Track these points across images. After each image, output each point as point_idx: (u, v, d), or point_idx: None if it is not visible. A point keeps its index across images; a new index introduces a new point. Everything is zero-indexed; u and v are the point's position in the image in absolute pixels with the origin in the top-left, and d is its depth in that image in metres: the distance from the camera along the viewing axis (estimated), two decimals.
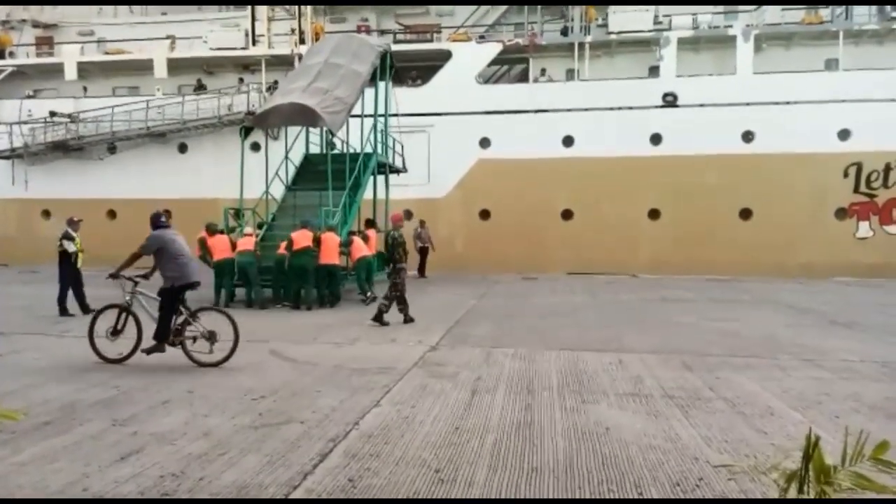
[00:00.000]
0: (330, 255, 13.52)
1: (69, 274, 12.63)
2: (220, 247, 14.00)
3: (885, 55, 21.62)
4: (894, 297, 16.06)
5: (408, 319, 11.34)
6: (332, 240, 13.64)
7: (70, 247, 12.73)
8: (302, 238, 13.51)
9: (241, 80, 25.74)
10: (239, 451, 4.98)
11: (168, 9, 27.77)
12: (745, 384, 7.08)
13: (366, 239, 15.28)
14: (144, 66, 25.56)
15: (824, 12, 23.23)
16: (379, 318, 11.19)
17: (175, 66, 25.51)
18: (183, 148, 25.12)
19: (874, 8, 22.58)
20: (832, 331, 10.76)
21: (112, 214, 24.62)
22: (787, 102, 21.45)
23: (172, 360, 8.16)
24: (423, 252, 20.68)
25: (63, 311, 12.42)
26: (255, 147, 19.51)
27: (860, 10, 22.59)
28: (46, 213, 25.43)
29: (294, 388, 6.82)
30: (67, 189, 24.82)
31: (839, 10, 22.72)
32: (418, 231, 20.69)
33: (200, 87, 25.78)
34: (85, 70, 26.43)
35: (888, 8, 22.13)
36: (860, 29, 22.07)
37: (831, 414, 5.98)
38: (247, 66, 26.14)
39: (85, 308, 12.41)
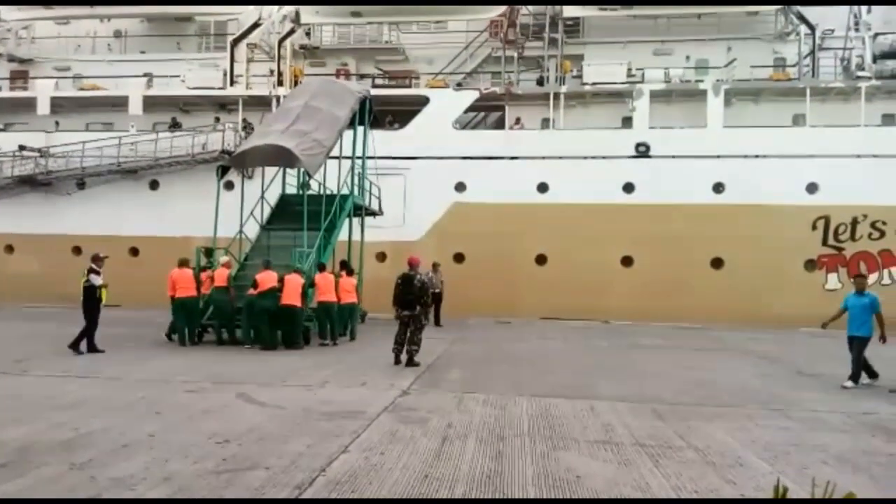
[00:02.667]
0: (290, 296, 13.34)
1: (95, 309, 12.31)
2: (184, 283, 13.73)
3: (849, 112, 22.41)
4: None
5: (414, 362, 11.28)
6: (294, 281, 13.46)
7: (97, 281, 12.42)
8: (266, 279, 13.37)
9: (218, 119, 25.82)
10: (200, 497, 4.83)
11: (147, 47, 27.92)
12: (715, 434, 7.09)
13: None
14: (119, 103, 25.57)
15: (792, 70, 24.12)
16: (412, 363, 11.23)
17: (151, 103, 25.54)
18: (154, 185, 24.97)
19: (840, 66, 23.51)
20: (800, 381, 10.88)
21: (77, 251, 24.24)
22: (757, 156, 22.08)
23: (136, 401, 7.97)
24: (438, 298, 19.03)
25: (91, 347, 12.12)
26: (229, 186, 19.45)
27: (826, 69, 23.48)
28: (10, 248, 24.95)
29: (261, 433, 6.66)
30: (33, 224, 24.52)
31: (806, 68, 23.59)
32: (430, 275, 18.91)
33: (175, 125, 25.80)
34: (58, 105, 26.31)
35: (853, 68, 23.04)
36: (826, 86, 22.91)
37: (799, 465, 5.99)
38: (224, 105, 26.30)
39: (93, 347, 12.16)
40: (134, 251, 21.03)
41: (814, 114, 22.38)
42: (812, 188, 21.89)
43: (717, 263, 22.13)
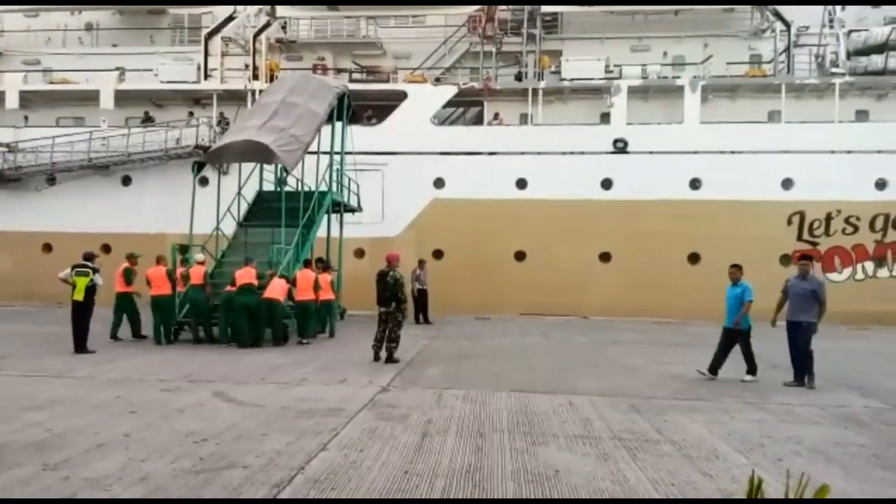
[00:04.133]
0: (274, 290, 13.28)
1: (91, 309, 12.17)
2: (159, 280, 13.58)
3: (824, 108, 22.74)
4: (833, 342, 16.55)
5: (394, 359, 11.25)
6: (279, 282, 13.44)
7: (100, 280, 12.24)
8: (245, 275, 13.26)
9: (192, 113, 25.50)
10: (177, 497, 4.78)
11: (119, 40, 27.46)
12: (691, 427, 7.17)
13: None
14: (91, 97, 25.12)
15: (767, 67, 24.42)
16: (391, 359, 11.20)
17: (123, 97, 25.13)
18: (127, 181, 24.61)
19: (814, 63, 23.84)
20: (774, 375, 11.03)
21: (48, 248, 23.83)
22: (733, 152, 22.32)
23: (111, 401, 7.87)
24: (424, 295, 19.18)
25: (85, 348, 11.95)
26: (203, 182, 19.20)
27: (801, 66, 23.79)
28: None
29: (238, 431, 6.61)
30: (2, 221, 24.04)
31: (781, 64, 23.89)
32: (417, 273, 19.31)
33: (148, 120, 25.44)
34: (28, 99, 25.82)
35: (827, 64, 23.38)
36: (801, 83, 23.23)
37: (774, 457, 6.09)
38: (198, 100, 25.98)
39: (83, 347, 11.95)
40: (106, 248, 20.68)
41: (789, 110, 22.68)
42: (787, 184, 22.18)
43: (693, 259, 22.36)
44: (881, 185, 21.90)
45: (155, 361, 11.20)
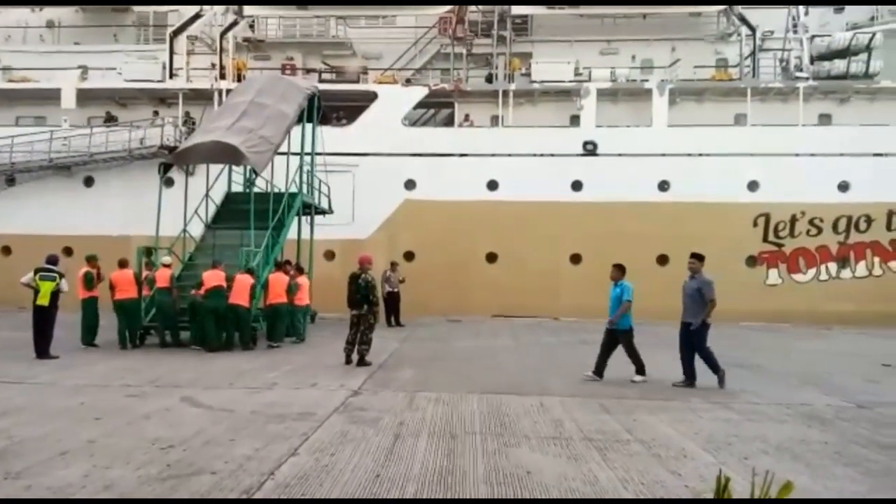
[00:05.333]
0: (238, 295, 13.09)
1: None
2: (124, 284, 13.30)
3: (788, 112, 23.23)
4: (799, 342, 16.97)
5: (366, 362, 11.18)
6: (243, 281, 13.21)
7: (64, 286, 11.93)
8: (213, 278, 13.06)
9: (156, 113, 25.08)
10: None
11: (82, 38, 26.89)
12: (659, 426, 7.25)
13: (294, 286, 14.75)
14: (52, 96, 24.54)
15: (733, 70, 24.86)
16: (363, 362, 11.11)
17: (85, 96, 24.64)
18: (89, 182, 24.11)
19: (779, 67, 24.34)
20: (740, 374, 11.21)
21: (6, 251, 23.23)
22: (700, 154, 22.67)
23: (74, 407, 7.69)
24: (395, 298, 18.99)
25: (48, 353, 11.59)
26: (169, 183, 18.90)
27: (766, 70, 24.28)
28: None
29: (206, 437, 6.50)
30: None
31: (747, 68, 24.35)
32: (388, 275, 19.08)
33: (110, 119, 24.95)
34: None
35: (791, 69, 23.88)
36: (766, 87, 23.69)
37: (740, 455, 6.18)
38: (163, 99, 25.57)
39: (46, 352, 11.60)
40: (67, 251, 20.21)
41: (754, 113, 23.13)
42: (753, 186, 22.61)
43: (662, 260, 22.63)
44: (844, 187, 22.45)
45: (120, 367, 10.97)
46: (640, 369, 10.18)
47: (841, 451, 6.40)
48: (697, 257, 10.26)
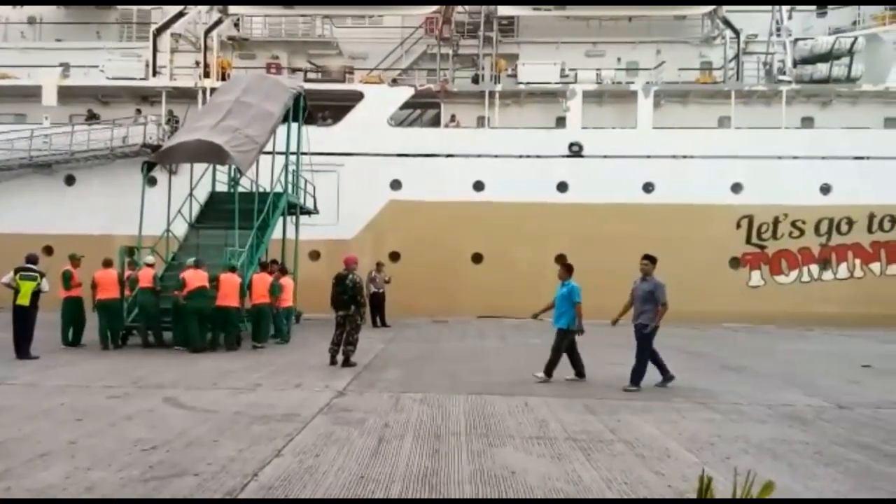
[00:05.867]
0: (227, 297, 13.00)
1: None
2: (107, 283, 13.16)
3: (771, 115, 23.46)
4: (780, 342, 17.13)
5: (351, 363, 11.12)
6: (230, 280, 13.12)
7: (45, 285, 11.82)
8: (195, 278, 12.96)
9: (139, 111, 24.86)
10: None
11: (64, 35, 26.59)
12: (643, 426, 7.30)
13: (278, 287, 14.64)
14: (32, 93, 24.24)
15: (717, 73, 25.07)
16: (348, 363, 11.06)
17: (67, 94, 24.34)
18: (70, 180, 23.85)
19: (762, 70, 24.58)
20: (723, 375, 11.33)
21: None
22: (684, 156, 22.82)
23: (55, 408, 7.60)
24: (381, 298, 18.88)
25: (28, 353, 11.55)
26: (151, 182, 18.76)
27: (750, 73, 24.51)
28: None
29: (189, 438, 6.46)
30: None
31: (731, 71, 24.57)
32: (373, 275, 18.91)
33: (93, 117, 24.70)
34: None
35: (775, 72, 24.13)
36: (750, 90, 23.91)
37: (722, 455, 6.23)
38: (146, 97, 25.35)
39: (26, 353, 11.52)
40: (48, 250, 19.98)
41: (738, 116, 23.34)
42: (737, 188, 22.81)
43: None
44: (825, 189, 22.71)
45: (101, 367, 10.87)
46: (549, 369, 10.08)
47: (822, 451, 6.47)
48: (650, 259, 10.22)
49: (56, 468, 5.45)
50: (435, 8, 24.69)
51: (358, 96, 23.79)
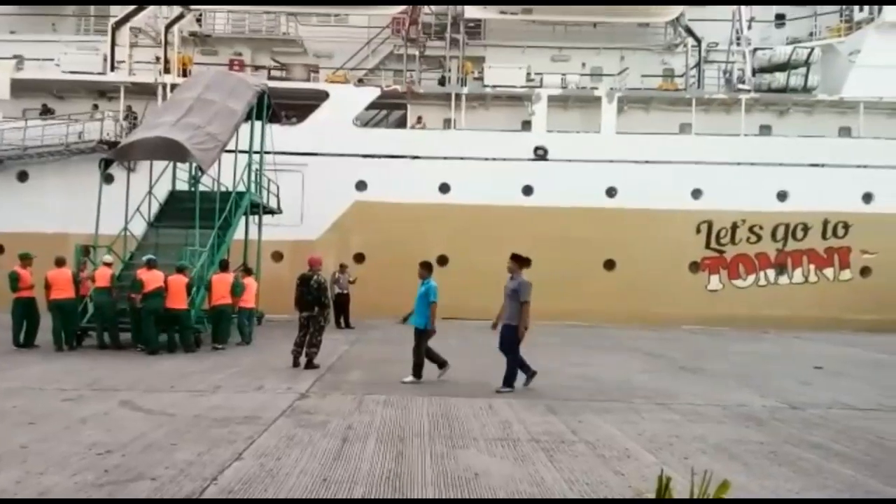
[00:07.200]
0: (175, 299, 12.72)
1: None
2: (60, 283, 12.80)
3: (731, 122, 23.99)
4: (737, 344, 17.52)
5: (314, 365, 11.02)
6: (177, 282, 12.82)
7: None
8: (154, 279, 12.68)
9: (96, 106, 24.27)
10: None
11: (18, 27, 25.83)
12: (604, 427, 7.40)
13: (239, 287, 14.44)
14: None
15: (679, 80, 25.55)
16: (311, 365, 10.96)
17: (20, 87, 23.63)
18: (23, 176, 23.16)
19: (723, 79, 25.12)
20: (681, 376, 11.53)
21: None
22: (647, 161, 23.19)
23: (6, 411, 7.37)
24: (345, 299, 18.81)
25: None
26: (108, 179, 18.33)
27: (710, 81, 25.04)
28: None
29: (146, 442, 6.32)
30: None
31: (692, 79, 25.06)
32: (337, 276, 18.76)
33: (47, 112, 24.04)
34: None
35: (734, 80, 24.68)
36: (710, 97, 24.42)
37: (681, 455, 6.35)
38: (103, 92, 24.75)
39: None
40: None
41: (699, 123, 23.81)
42: (697, 194, 23.26)
43: (609, 265, 23.06)
44: (782, 196, 23.30)
45: (56, 369, 10.57)
46: (417, 371, 10.12)
47: (776, 450, 6.64)
48: (515, 258, 10.22)
49: (7, 473, 5.28)
50: (402, 8, 24.65)
51: (323, 96, 23.61)
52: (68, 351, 12.60)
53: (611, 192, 23.24)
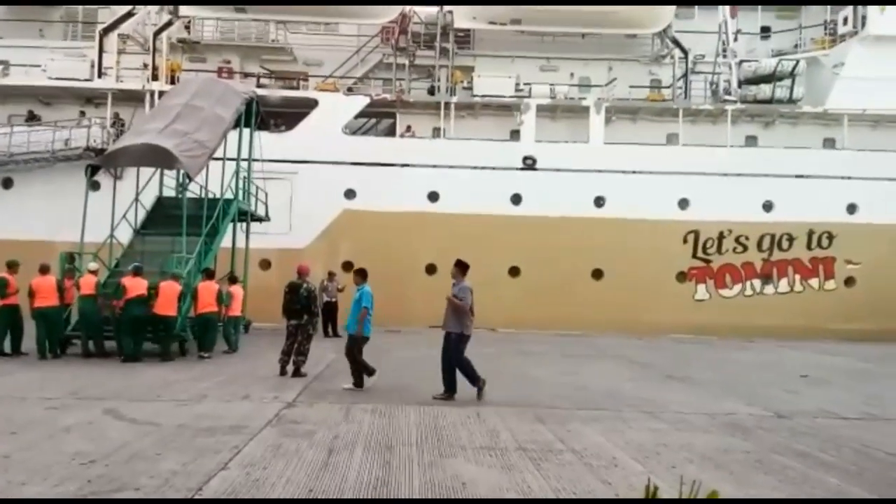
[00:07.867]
0: (165, 305, 12.64)
1: None
2: (44, 290, 12.64)
3: (717, 133, 24.18)
4: (723, 353, 17.61)
5: (301, 373, 10.99)
6: (169, 288, 12.75)
7: None
8: (136, 286, 12.60)
9: (83, 113, 24.10)
10: None
11: (4, 32, 25.59)
12: (591, 436, 7.40)
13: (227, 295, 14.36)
14: None
15: (666, 91, 25.74)
16: (298, 373, 10.93)
17: (6, 93, 23.47)
18: (8, 183, 22.94)
19: (709, 90, 25.34)
20: (669, 385, 11.56)
21: None
22: (634, 172, 23.31)
23: None
24: (333, 307, 18.70)
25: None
26: (94, 186, 18.18)
27: (697, 92, 25.24)
28: None
29: (131, 451, 6.25)
30: None
31: (679, 90, 25.26)
32: (325, 284, 18.70)
33: (33, 118, 23.84)
34: None
35: (721, 92, 24.90)
36: (697, 108, 24.62)
37: (668, 464, 6.36)
38: (90, 99, 24.55)
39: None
40: None
41: (686, 133, 23.98)
42: (683, 204, 23.40)
43: (597, 274, 23.12)
44: (768, 206, 23.48)
45: (39, 377, 10.45)
46: (357, 378, 10.07)
47: (762, 459, 6.66)
48: (457, 264, 10.36)
49: None
50: (392, 17, 24.69)
51: (312, 104, 23.59)
52: (52, 359, 12.46)
53: (599, 201, 23.33)
